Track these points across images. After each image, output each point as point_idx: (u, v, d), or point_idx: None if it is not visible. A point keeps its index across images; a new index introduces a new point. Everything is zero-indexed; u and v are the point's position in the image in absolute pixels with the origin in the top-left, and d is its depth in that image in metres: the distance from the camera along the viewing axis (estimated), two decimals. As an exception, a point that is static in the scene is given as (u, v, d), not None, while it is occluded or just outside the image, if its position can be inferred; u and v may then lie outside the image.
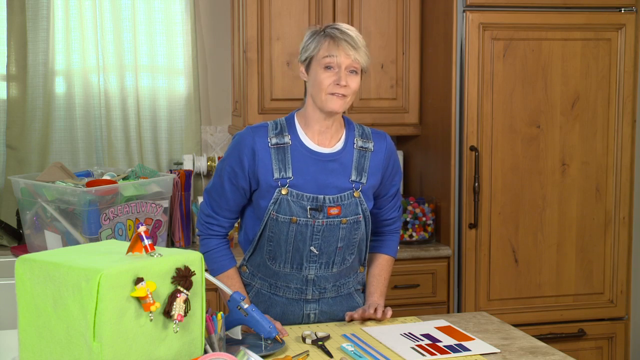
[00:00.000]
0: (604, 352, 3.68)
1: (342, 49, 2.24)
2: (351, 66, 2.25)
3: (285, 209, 2.30)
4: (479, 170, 3.44)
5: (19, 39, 3.63)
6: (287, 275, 2.39)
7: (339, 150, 2.36)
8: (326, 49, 2.25)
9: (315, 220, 2.31)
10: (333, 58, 2.24)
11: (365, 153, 2.38)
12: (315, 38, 2.29)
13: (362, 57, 2.26)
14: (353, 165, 2.36)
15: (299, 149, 2.33)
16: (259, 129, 2.35)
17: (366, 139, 2.40)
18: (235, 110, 3.78)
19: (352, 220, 2.35)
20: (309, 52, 2.30)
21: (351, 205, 2.34)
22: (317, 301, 2.43)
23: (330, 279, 2.42)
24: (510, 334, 2.34)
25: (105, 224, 3.18)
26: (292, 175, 2.31)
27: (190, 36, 3.78)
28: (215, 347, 1.96)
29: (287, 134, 2.34)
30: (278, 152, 2.31)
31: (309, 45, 2.30)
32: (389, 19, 3.65)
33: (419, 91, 3.72)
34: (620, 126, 3.57)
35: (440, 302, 3.55)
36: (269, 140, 2.32)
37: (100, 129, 3.76)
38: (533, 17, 3.45)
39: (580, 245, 3.58)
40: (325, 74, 2.25)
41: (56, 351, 1.68)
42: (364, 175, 2.36)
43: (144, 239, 1.74)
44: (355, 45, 2.25)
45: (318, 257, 2.36)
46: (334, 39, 2.25)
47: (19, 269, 1.73)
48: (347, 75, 2.25)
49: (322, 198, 2.31)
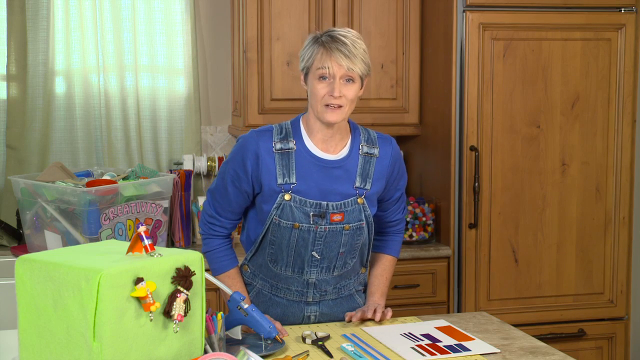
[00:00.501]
0: (604, 352, 3.68)
1: (334, 60, 2.19)
2: (346, 75, 2.21)
3: (287, 215, 2.29)
4: (479, 170, 3.43)
5: (19, 39, 3.63)
6: (288, 278, 2.39)
7: (344, 157, 2.34)
8: (319, 59, 2.22)
9: (317, 227, 2.30)
10: (326, 69, 2.20)
11: (370, 159, 2.36)
12: (311, 47, 2.26)
13: (357, 65, 2.20)
14: (358, 172, 2.34)
15: (304, 155, 2.30)
16: (263, 133, 2.32)
17: (372, 144, 2.37)
18: (235, 110, 3.78)
19: (354, 227, 2.34)
20: (305, 62, 2.27)
21: (354, 212, 2.33)
22: (317, 303, 2.44)
23: (331, 282, 2.42)
24: (510, 334, 2.34)
25: (105, 224, 3.18)
26: (295, 181, 2.29)
27: (190, 36, 3.78)
28: (215, 347, 1.96)
29: (292, 139, 2.31)
30: (282, 157, 2.30)
31: (305, 54, 2.27)
32: (389, 19, 3.65)
33: (419, 91, 3.72)
34: (620, 126, 3.57)
35: (440, 302, 3.55)
36: (274, 145, 2.30)
37: (100, 129, 3.76)
38: (533, 17, 3.45)
39: (580, 245, 3.58)
40: (320, 84, 2.22)
41: (56, 351, 1.68)
42: (369, 181, 2.35)
43: (144, 239, 1.74)
44: (349, 53, 2.19)
45: (320, 261, 2.35)
46: (327, 49, 2.20)
47: (19, 269, 1.73)
48: (342, 85, 2.21)
49: (325, 204, 2.30)
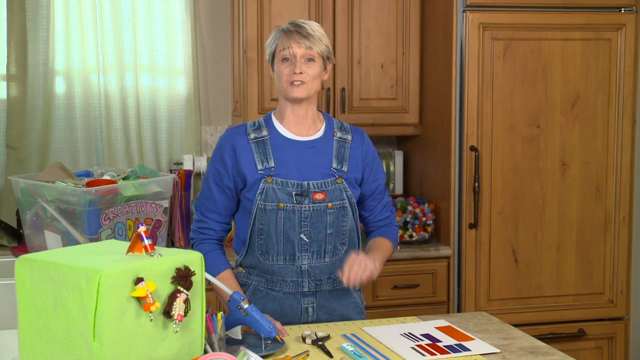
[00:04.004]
0: (604, 352, 3.68)
1: (293, 40, 2.36)
2: (306, 55, 2.37)
3: (271, 197, 2.38)
4: (479, 170, 3.43)
5: (19, 39, 3.63)
6: (281, 269, 2.43)
7: (318, 139, 2.46)
8: (281, 43, 2.39)
9: (302, 206, 2.38)
10: (287, 50, 2.37)
11: (344, 144, 2.48)
12: (274, 35, 2.44)
13: (315, 44, 2.37)
14: (333, 154, 2.45)
15: (278, 140, 2.44)
16: (237, 128, 2.48)
17: (345, 131, 2.51)
18: (235, 110, 3.78)
19: (338, 206, 2.42)
20: (270, 49, 2.44)
21: (335, 191, 2.42)
22: (314, 294, 2.46)
23: (325, 270, 2.45)
24: (510, 334, 2.34)
25: (105, 224, 3.18)
26: (274, 165, 2.40)
27: (190, 36, 3.78)
28: (215, 347, 1.96)
29: (264, 128, 2.46)
30: (258, 145, 2.42)
31: (268, 43, 2.45)
32: (389, 19, 3.65)
33: (419, 91, 3.72)
34: (620, 126, 3.57)
35: (440, 302, 3.55)
36: (248, 136, 2.44)
37: (100, 129, 3.76)
38: (533, 17, 3.45)
39: (580, 245, 3.58)
40: (283, 65, 2.39)
41: (56, 351, 1.68)
42: (345, 164, 2.45)
43: (144, 239, 1.74)
44: (307, 34, 2.36)
45: (309, 245, 2.40)
46: (286, 32, 2.39)
47: (19, 269, 1.73)
48: (304, 64, 2.37)
49: (306, 184, 2.40)
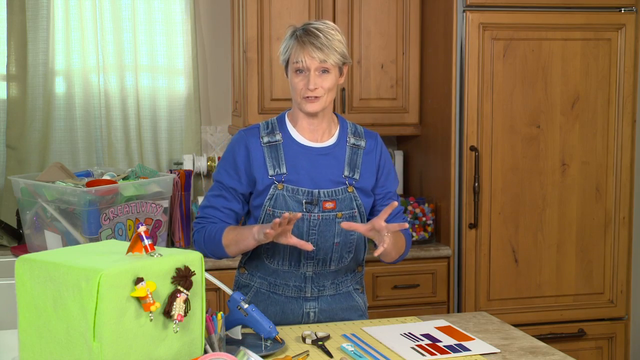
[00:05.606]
0: (604, 352, 3.68)
1: (307, 53, 2.26)
2: (320, 67, 2.27)
3: (281, 204, 2.33)
4: (479, 170, 3.43)
5: (19, 39, 3.63)
6: (285, 273, 2.40)
7: (331, 145, 2.40)
8: (294, 54, 2.28)
9: (311, 215, 2.33)
10: (300, 63, 2.27)
11: (357, 150, 2.42)
12: (287, 41, 2.33)
13: (330, 56, 2.26)
14: (346, 162, 2.39)
15: (291, 145, 2.37)
16: (251, 129, 2.41)
17: (358, 137, 2.44)
18: (235, 110, 3.78)
19: (347, 215, 2.37)
20: (283, 57, 2.35)
21: (345, 200, 2.37)
22: (316, 299, 2.44)
23: (329, 276, 2.42)
24: (510, 334, 2.34)
25: (105, 224, 3.18)
26: (286, 171, 2.34)
27: (190, 36, 3.78)
28: (215, 347, 1.96)
29: (278, 132, 2.39)
30: (270, 149, 2.36)
31: (283, 48, 2.34)
32: (389, 19, 3.65)
33: (419, 91, 3.71)
34: (620, 126, 3.57)
35: (440, 302, 3.55)
36: (261, 139, 2.37)
37: (100, 129, 3.76)
38: (533, 17, 3.45)
39: (580, 245, 3.58)
40: (297, 78, 2.30)
41: (56, 351, 1.68)
42: (357, 171, 2.40)
43: (144, 239, 1.74)
44: (322, 45, 2.25)
45: (315, 253, 2.37)
46: (300, 43, 2.27)
47: (19, 269, 1.73)
48: (318, 77, 2.27)
49: (317, 192, 2.34)
